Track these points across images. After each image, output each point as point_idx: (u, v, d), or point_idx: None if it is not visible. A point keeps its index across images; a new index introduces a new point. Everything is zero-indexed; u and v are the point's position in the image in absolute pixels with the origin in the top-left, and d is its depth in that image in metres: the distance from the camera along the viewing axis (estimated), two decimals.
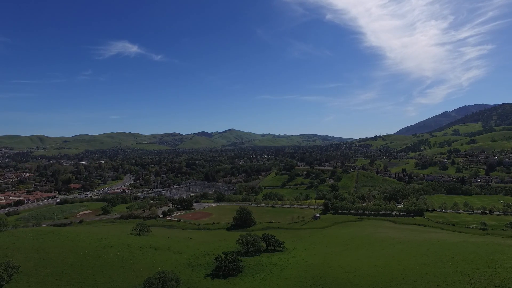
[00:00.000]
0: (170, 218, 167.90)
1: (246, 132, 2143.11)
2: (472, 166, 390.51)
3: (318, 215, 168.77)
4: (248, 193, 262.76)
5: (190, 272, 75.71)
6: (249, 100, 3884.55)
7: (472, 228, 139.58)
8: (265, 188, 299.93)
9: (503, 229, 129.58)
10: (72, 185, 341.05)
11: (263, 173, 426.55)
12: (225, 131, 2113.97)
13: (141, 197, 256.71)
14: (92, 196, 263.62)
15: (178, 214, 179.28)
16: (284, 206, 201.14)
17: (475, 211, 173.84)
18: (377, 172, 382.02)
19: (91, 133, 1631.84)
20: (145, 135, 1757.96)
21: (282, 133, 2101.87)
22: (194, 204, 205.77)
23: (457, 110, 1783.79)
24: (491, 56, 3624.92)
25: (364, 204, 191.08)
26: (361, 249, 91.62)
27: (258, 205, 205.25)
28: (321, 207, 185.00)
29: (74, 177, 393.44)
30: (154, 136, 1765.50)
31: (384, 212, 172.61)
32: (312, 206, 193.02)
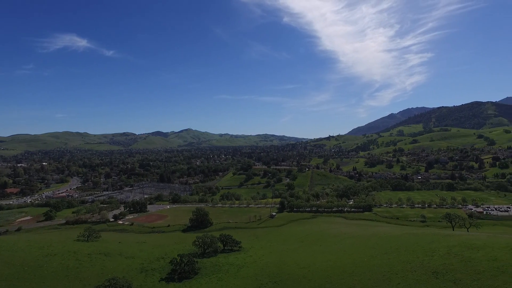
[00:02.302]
0: (122, 222, 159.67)
1: (203, 132, 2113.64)
2: (414, 164, 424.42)
3: (275, 213, 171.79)
4: (205, 194, 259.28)
5: (143, 277, 72.70)
6: (207, 100, 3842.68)
7: (413, 221, 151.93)
8: (222, 188, 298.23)
9: (439, 221, 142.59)
10: (9, 190, 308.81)
11: (220, 173, 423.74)
12: (181, 131, 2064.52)
13: (90, 200, 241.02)
14: (33, 201, 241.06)
15: (131, 217, 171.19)
16: (242, 205, 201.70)
17: (416, 205, 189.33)
18: (330, 171, 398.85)
19: (32, 133, 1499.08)
20: (94, 135, 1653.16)
21: (240, 133, 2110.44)
22: (148, 206, 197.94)
23: (402, 112, 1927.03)
24: (431, 63, 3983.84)
25: (318, 202, 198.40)
26: (315, 245, 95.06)
27: (215, 205, 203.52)
28: (278, 205, 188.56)
29: (11, 181, 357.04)
30: (104, 136, 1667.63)
31: (337, 209, 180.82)
32: (269, 205, 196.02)
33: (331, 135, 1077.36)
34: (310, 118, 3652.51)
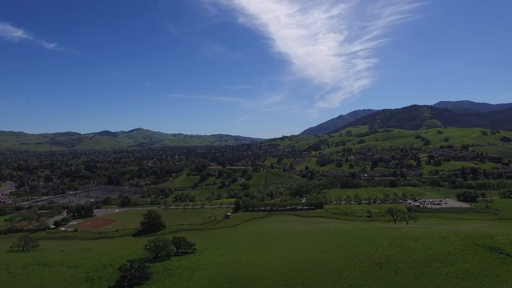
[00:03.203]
0: (64, 229, 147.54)
1: (155, 132, 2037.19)
2: (361, 162, 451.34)
3: (230, 213, 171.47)
4: (157, 196, 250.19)
5: (89, 286, 67.94)
6: (159, 98, 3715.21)
7: (360, 216, 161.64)
8: (176, 190, 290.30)
9: (383, 215, 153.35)
10: None
11: (174, 174, 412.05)
12: (132, 131, 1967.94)
13: (26, 206, 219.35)
14: None
15: (75, 223, 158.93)
16: (196, 207, 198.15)
17: (363, 202, 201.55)
18: (284, 170, 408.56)
19: None
20: (32, 135, 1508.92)
21: (194, 133, 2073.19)
22: (95, 210, 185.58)
23: (350, 114, 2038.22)
24: (376, 68, 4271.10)
25: (273, 201, 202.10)
26: (270, 243, 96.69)
27: (168, 207, 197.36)
28: (233, 205, 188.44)
29: None
30: (44, 135, 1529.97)
31: (290, 207, 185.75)
32: (224, 205, 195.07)
33: (285, 135, 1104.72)
34: (265, 118, 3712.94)
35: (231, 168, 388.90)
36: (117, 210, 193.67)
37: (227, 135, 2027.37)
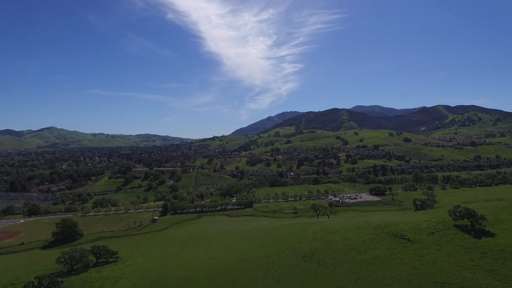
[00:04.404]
0: None
1: (72, 131, 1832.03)
2: (288, 162, 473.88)
3: (157, 217, 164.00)
4: (73, 202, 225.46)
5: None
6: (76, 94, 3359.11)
7: (287, 213, 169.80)
8: (96, 195, 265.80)
9: (307, 211, 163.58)
10: None
11: (93, 178, 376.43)
12: (42, 130, 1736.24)
13: None
14: None
15: None
16: (119, 212, 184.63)
17: (290, 199, 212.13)
18: (215, 171, 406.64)
19: None
20: None
21: (118, 133, 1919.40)
22: None
23: (278, 115, 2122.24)
24: (301, 73, 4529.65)
25: (203, 202, 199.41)
26: (200, 245, 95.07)
27: (87, 214, 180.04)
28: (161, 209, 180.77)
29: None
30: None
31: (221, 207, 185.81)
32: (150, 209, 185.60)
33: (215, 135, 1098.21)
34: (195, 118, 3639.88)
35: (159, 170, 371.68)
36: (22, 221, 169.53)
37: (155, 135, 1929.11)
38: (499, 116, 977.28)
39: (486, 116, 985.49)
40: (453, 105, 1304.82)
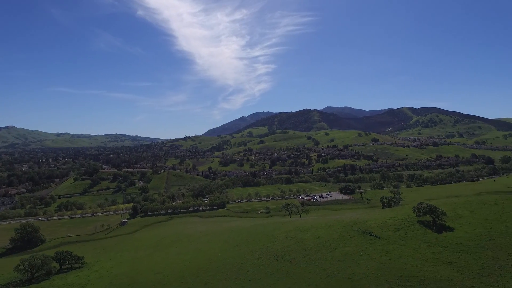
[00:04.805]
0: None
1: (33, 131, 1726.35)
2: (261, 162, 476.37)
3: (126, 220, 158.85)
4: (34, 206, 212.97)
5: None
6: (38, 92, 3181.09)
7: (260, 213, 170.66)
8: (59, 198, 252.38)
9: (280, 211, 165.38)
10: None
11: (57, 180, 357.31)
12: None
13: None
14: None
15: None
16: (86, 215, 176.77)
17: (262, 199, 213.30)
18: (187, 171, 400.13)
19: None
20: None
21: (84, 133, 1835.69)
22: None
23: (251, 116, 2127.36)
24: (274, 74, 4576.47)
25: (174, 203, 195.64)
26: (171, 247, 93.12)
27: (50, 218, 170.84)
28: (130, 211, 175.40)
29: None
30: None
31: (193, 208, 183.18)
32: (119, 212, 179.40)
33: (187, 135, 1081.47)
34: (166, 118, 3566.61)
35: (128, 171, 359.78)
36: None
37: (124, 135, 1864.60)
38: (458, 117, 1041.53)
39: (446, 118, 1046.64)
40: (417, 107, 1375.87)
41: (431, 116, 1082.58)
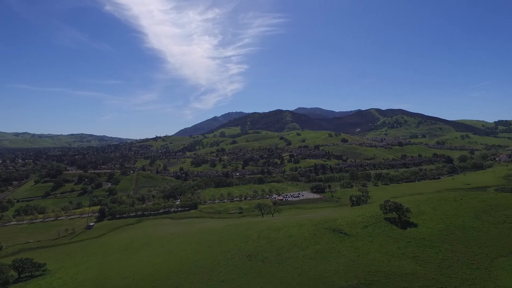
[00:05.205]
0: None
1: None
2: (233, 162, 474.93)
3: (93, 223, 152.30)
4: None
5: None
6: None
7: (233, 213, 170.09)
8: (18, 201, 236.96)
9: (252, 210, 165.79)
10: None
11: (15, 183, 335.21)
12: None
13: None
14: None
15: None
16: (48, 219, 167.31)
17: (235, 199, 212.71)
18: (157, 172, 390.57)
19: None
20: None
21: (46, 132, 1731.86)
22: None
23: (224, 116, 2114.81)
24: (246, 74, 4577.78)
25: (144, 205, 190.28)
26: (141, 251, 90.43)
27: (7, 223, 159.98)
28: (97, 214, 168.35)
29: None
30: None
31: (164, 210, 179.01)
32: (85, 215, 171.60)
33: (158, 135, 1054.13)
34: (136, 117, 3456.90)
35: (95, 172, 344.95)
36: None
37: (90, 135, 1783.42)
38: (421, 119, 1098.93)
39: (410, 119, 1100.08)
40: (384, 109, 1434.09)
41: (397, 118, 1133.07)
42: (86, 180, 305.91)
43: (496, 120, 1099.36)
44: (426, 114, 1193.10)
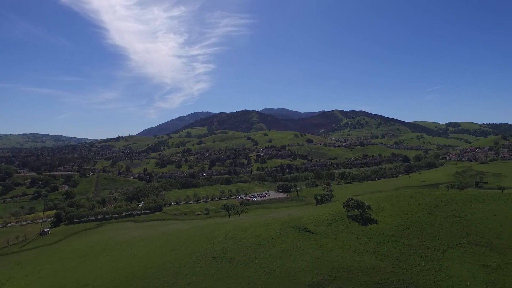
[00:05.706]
0: None
1: None
2: (200, 162, 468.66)
3: (48, 229, 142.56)
4: None
5: None
6: None
7: (199, 214, 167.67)
8: None
9: (219, 211, 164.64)
10: None
11: None
12: None
13: None
14: None
15: None
16: None
17: (201, 200, 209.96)
18: (119, 174, 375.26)
19: None
20: None
21: None
22: None
23: (190, 115, 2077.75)
24: (213, 73, 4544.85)
25: (105, 208, 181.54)
26: (101, 256, 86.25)
27: None
28: (52, 219, 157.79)
29: None
30: None
31: (126, 213, 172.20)
32: (39, 220, 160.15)
33: (120, 135, 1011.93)
34: (96, 116, 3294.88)
35: (50, 175, 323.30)
36: None
37: (45, 135, 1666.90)
38: (381, 120, 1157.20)
39: (371, 120, 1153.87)
40: (346, 110, 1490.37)
41: (359, 119, 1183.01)
42: (40, 183, 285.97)
43: (447, 122, 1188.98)
44: (385, 116, 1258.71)
